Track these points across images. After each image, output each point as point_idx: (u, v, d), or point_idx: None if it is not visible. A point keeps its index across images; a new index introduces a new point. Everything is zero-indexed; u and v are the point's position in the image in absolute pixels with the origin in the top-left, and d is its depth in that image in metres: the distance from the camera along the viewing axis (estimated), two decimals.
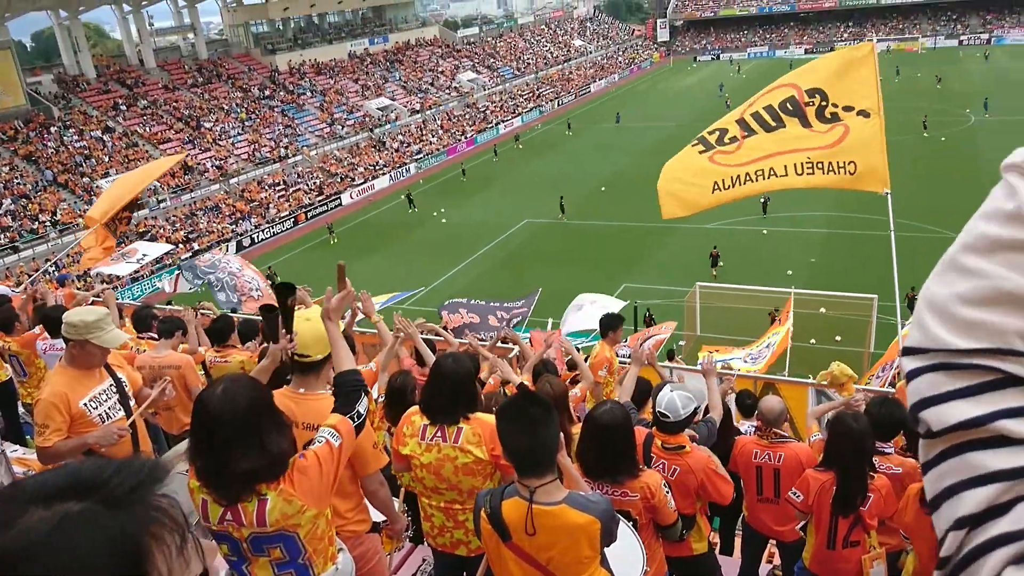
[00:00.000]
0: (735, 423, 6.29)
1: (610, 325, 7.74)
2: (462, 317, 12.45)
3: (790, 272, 25.19)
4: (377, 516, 3.86)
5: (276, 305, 3.61)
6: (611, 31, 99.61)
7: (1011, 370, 0.76)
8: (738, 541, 5.93)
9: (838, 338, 19.86)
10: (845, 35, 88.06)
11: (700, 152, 8.55)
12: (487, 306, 12.88)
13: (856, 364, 12.88)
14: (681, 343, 20.67)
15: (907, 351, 0.84)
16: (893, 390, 7.70)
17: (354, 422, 2.96)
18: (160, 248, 15.41)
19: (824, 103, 8.38)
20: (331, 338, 3.27)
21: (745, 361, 12.30)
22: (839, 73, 8.57)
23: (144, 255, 14.49)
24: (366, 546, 3.68)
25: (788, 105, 8.45)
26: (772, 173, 8.51)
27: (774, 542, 5.48)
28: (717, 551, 5.62)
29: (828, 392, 7.38)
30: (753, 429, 5.53)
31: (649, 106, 63.91)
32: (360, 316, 6.58)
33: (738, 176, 8.47)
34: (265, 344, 5.58)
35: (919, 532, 4.13)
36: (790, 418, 6.64)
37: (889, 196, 8.71)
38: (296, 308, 3.60)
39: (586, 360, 7.03)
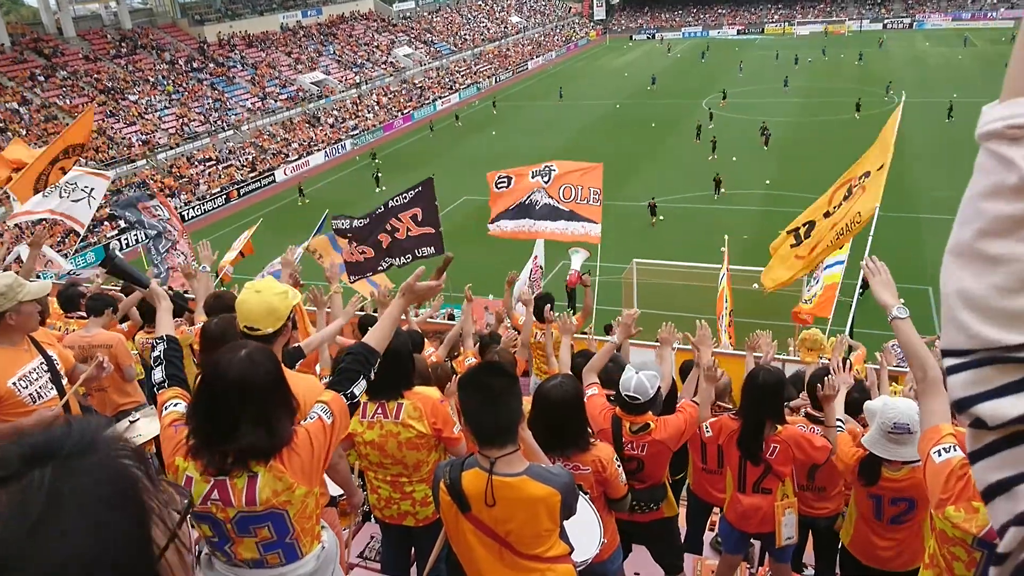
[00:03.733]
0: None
1: (543, 304, 7.86)
2: (352, 252, 11.14)
3: (723, 249, 25.67)
4: (334, 489, 3.81)
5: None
6: (548, 8, 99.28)
7: None
8: (683, 510, 6.05)
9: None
10: (775, 16, 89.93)
11: (792, 246, 10.71)
12: (375, 224, 11.05)
13: (788, 337, 13.22)
14: (619, 318, 20.87)
15: (948, 353, 0.78)
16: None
17: (348, 401, 2.84)
18: (98, 183, 12.40)
19: (864, 177, 9.93)
20: (387, 312, 3.12)
21: None
22: (879, 144, 10.13)
23: (88, 187, 11.71)
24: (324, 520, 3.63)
25: (846, 193, 10.13)
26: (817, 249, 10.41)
27: (717, 510, 5.62)
28: None
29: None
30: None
31: (587, 84, 64.12)
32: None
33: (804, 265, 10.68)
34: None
35: (856, 498, 4.35)
36: (731, 390, 6.79)
37: (877, 210, 9.92)
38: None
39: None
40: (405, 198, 11.06)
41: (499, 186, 11.74)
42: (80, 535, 0.80)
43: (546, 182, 11.61)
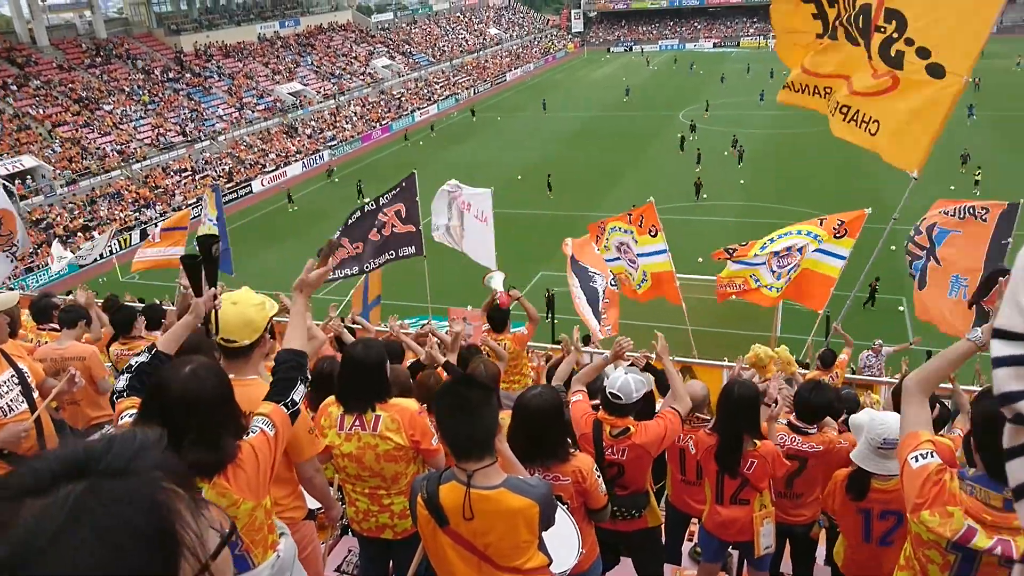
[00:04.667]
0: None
1: (501, 317, 7.89)
2: (346, 250, 11.54)
3: (700, 260, 25.81)
4: (312, 503, 3.78)
5: (197, 255, 3.36)
6: (526, 20, 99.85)
7: None
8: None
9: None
10: (751, 30, 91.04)
11: (818, 35, 7.85)
12: (366, 221, 11.63)
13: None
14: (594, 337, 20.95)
15: (1001, 334, 0.75)
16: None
17: (288, 410, 2.84)
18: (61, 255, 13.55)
19: (896, 35, 6.78)
20: (294, 312, 3.14)
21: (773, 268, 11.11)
22: (941, 13, 6.60)
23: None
24: (301, 533, 3.59)
25: (862, 18, 7.03)
26: (829, 95, 7.92)
27: (696, 520, 5.63)
28: None
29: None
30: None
31: (565, 96, 64.42)
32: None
33: (816, 87, 8.07)
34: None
35: (845, 517, 4.31)
36: (709, 402, 6.82)
37: (913, 182, 7.45)
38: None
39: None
40: (392, 193, 11.58)
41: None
42: (93, 556, 0.79)
43: (612, 284, 12.91)
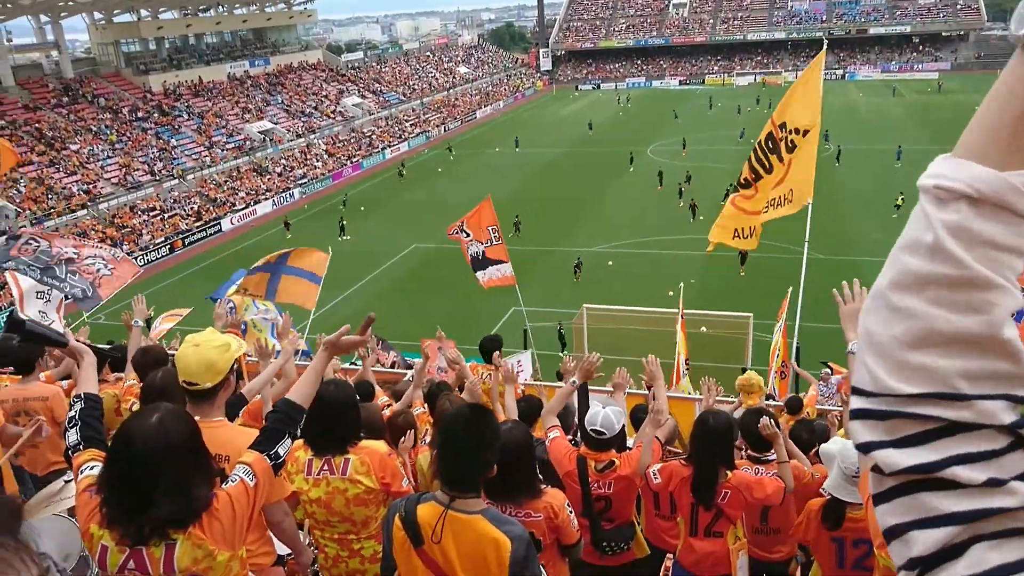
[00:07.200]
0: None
1: (492, 348, 7.82)
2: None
3: (671, 293, 26.01)
4: (281, 548, 3.69)
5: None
6: (495, 59, 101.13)
7: (955, 417, 0.76)
8: None
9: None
10: (715, 68, 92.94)
11: (741, 198, 10.76)
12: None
13: (734, 379, 13.40)
14: (572, 364, 20.94)
15: (856, 391, 0.83)
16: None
17: (272, 461, 2.76)
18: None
19: (787, 134, 9.98)
20: (311, 367, 3.10)
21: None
22: (796, 97, 10.17)
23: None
24: None
25: (770, 143, 10.20)
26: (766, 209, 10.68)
27: (670, 556, 5.60)
28: None
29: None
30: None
31: (535, 132, 65.08)
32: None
33: (753, 228, 10.73)
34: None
35: (819, 546, 4.35)
36: (680, 435, 6.82)
37: (810, 205, 10.06)
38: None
39: None
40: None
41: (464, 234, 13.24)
42: None
43: (468, 236, 13.27)
